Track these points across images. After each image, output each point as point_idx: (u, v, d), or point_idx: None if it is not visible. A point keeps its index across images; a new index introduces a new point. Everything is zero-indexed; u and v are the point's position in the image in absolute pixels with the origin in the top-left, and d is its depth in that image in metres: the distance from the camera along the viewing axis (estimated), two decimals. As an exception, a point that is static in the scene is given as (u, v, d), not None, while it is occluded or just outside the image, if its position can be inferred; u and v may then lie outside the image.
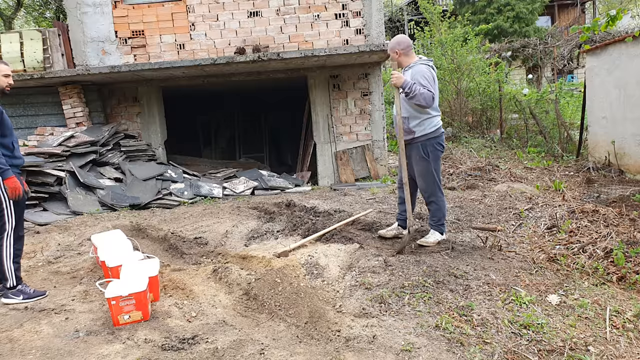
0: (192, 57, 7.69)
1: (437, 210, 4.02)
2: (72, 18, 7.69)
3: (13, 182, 3.27)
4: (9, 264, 3.35)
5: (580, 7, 22.11)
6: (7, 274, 3.34)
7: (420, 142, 3.89)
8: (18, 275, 3.42)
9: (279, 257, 3.84)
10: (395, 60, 3.98)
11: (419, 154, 3.92)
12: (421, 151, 3.91)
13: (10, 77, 3.48)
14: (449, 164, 7.53)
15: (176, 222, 5.37)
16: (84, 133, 7.19)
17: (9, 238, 3.35)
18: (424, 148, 3.90)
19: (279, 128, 12.61)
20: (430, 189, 3.98)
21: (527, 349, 2.46)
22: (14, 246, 3.38)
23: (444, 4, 21.39)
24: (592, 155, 7.21)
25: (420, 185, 4.04)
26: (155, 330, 2.80)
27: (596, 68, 7.02)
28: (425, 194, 4.05)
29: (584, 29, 3.95)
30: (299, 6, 7.70)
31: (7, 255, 3.35)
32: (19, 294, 3.36)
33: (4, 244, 3.33)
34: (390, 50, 3.97)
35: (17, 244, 3.41)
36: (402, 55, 3.92)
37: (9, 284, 3.35)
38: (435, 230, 4.05)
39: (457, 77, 9.93)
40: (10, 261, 3.36)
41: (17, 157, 3.48)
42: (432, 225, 4.08)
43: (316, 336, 2.69)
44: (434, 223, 4.07)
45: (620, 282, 3.31)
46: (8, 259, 3.35)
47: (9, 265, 3.35)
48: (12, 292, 3.36)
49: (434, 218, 4.06)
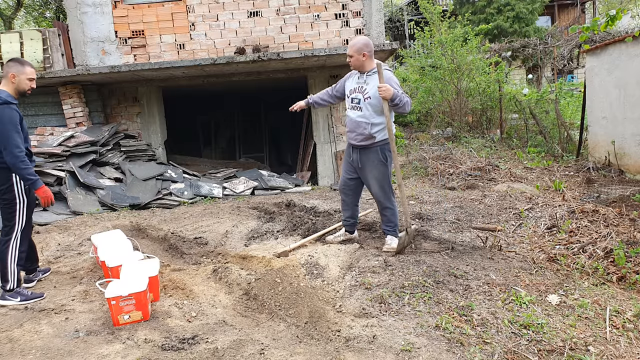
0: (192, 57, 7.69)
1: (393, 216, 3.94)
2: (72, 18, 7.69)
3: (44, 191, 3.28)
4: (12, 267, 3.32)
5: (580, 7, 22.11)
6: (9, 276, 3.31)
7: (379, 147, 3.76)
8: (19, 278, 3.39)
9: (279, 257, 3.84)
10: (359, 63, 3.68)
11: (378, 158, 3.77)
12: (380, 155, 3.77)
13: (34, 82, 3.42)
14: (449, 164, 7.53)
15: (176, 222, 5.37)
16: (84, 133, 7.20)
17: (16, 240, 3.34)
18: (382, 152, 3.77)
19: (279, 128, 12.61)
20: (387, 194, 3.87)
21: (527, 349, 2.46)
22: (20, 249, 3.37)
23: (444, 4, 21.39)
24: (592, 155, 7.21)
25: (376, 191, 3.87)
26: (155, 330, 2.80)
27: (596, 68, 7.02)
28: (380, 200, 3.90)
29: (583, 29, 3.95)
30: (299, 6, 7.70)
31: (12, 258, 3.32)
32: (17, 296, 3.33)
33: (10, 245, 3.31)
34: (357, 51, 3.63)
35: (22, 247, 3.39)
36: (368, 58, 3.67)
37: (8, 286, 3.32)
38: (392, 235, 3.94)
39: (457, 77, 9.92)
40: (14, 264, 3.33)
41: (32, 160, 3.48)
42: (389, 231, 3.97)
43: (316, 336, 2.69)
44: (391, 229, 3.96)
45: (620, 282, 3.31)
46: (13, 261, 3.32)
47: (12, 268, 3.32)
48: (10, 294, 3.33)
49: (389, 224, 3.96)
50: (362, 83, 3.73)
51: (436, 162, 7.62)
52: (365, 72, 3.72)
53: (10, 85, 3.30)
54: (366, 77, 3.72)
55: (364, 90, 3.71)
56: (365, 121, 3.70)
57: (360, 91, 3.73)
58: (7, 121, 3.14)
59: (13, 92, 3.31)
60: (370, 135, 3.72)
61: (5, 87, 3.29)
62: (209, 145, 12.83)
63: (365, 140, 3.75)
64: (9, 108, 3.19)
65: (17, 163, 3.15)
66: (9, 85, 3.30)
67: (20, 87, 3.32)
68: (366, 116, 3.70)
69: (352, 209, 4.10)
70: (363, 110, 3.70)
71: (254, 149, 12.55)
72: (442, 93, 10.39)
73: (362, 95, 3.72)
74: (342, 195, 4.14)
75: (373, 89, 3.65)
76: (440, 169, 7.32)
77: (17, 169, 3.18)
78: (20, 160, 3.16)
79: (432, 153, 8.22)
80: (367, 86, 3.70)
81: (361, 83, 3.74)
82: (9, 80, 3.29)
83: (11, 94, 3.29)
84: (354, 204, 4.10)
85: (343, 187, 4.08)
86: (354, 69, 3.79)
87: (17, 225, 3.33)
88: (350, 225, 4.17)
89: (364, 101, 3.70)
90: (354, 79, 3.84)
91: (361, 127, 3.72)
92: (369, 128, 3.70)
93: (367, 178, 3.88)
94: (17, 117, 3.23)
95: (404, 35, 21.39)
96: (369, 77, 3.71)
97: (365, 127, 3.70)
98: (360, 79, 3.76)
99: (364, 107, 3.70)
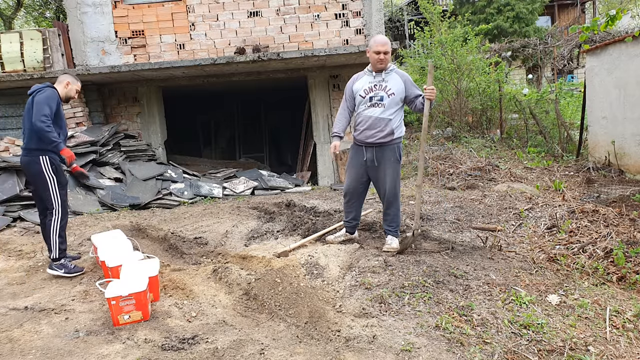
0: (192, 57, 7.69)
1: (397, 216, 3.94)
2: (72, 18, 7.70)
3: (67, 151, 3.79)
4: (55, 238, 3.80)
5: (580, 7, 22.10)
6: (53, 247, 3.80)
7: (396, 144, 3.81)
8: (62, 249, 3.84)
9: (279, 257, 3.84)
10: (388, 59, 3.77)
11: (395, 156, 3.81)
12: (396, 153, 3.82)
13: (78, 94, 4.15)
14: (449, 164, 7.53)
15: (176, 222, 5.37)
16: (84, 133, 7.20)
17: (57, 214, 3.81)
18: (398, 150, 3.83)
19: (279, 128, 12.62)
20: (397, 192, 3.88)
21: (527, 349, 2.46)
22: (61, 223, 3.82)
23: (444, 4, 21.38)
24: (592, 155, 7.21)
25: (388, 190, 3.85)
26: (155, 330, 2.80)
27: (596, 68, 7.02)
28: (390, 198, 3.87)
29: (583, 29, 3.95)
30: (299, 6, 7.70)
31: (54, 229, 3.80)
32: (61, 267, 3.81)
33: (52, 219, 3.80)
34: (390, 48, 3.75)
35: (62, 221, 3.84)
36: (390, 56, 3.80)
37: (52, 256, 3.81)
38: (394, 236, 3.94)
39: (457, 77, 9.92)
40: (56, 235, 3.80)
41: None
42: (391, 231, 3.96)
43: (316, 336, 2.69)
44: (393, 229, 3.95)
45: (620, 282, 3.31)
46: (55, 232, 3.80)
47: (55, 239, 3.80)
48: (56, 264, 3.82)
49: (392, 224, 3.95)
50: (381, 81, 3.77)
51: (436, 162, 7.61)
52: (384, 70, 3.78)
53: (63, 89, 3.98)
54: (384, 75, 3.77)
55: (386, 88, 3.74)
56: (389, 118, 3.74)
57: (381, 88, 3.75)
58: (44, 97, 3.72)
59: (62, 95, 3.97)
60: (392, 131, 3.75)
61: (58, 88, 3.95)
62: (209, 145, 12.83)
63: (385, 137, 3.76)
64: (53, 91, 3.82)
65: (44, 127, 3.62)
66: (62, 88, 3.98)
67: (68, 94, 4.03)
68: (389, 113, 3.74)
69: (356, 210, 4.10)
70: (386, 107, 3.74)
71: (254, 149, 12.55)
72: (442, 93, 10.37)
73: (384, 92, 3.74)
74: (349, 198, 4.06)
75: (396, 86, 3.73)
76: (440, 169, 7.31)
77: (42, 132, 3.63)
78: (47, 125, 3.63)
79: (432, 153, 8.22)
80: (387, 84, 3.75)
81: (379, 81, 3.77)
82: (64, 85, 3.99)
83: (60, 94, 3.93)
84: (359, 206, 4.10)
85: (352, 191, 4.00)
86: (383, 67, 3.77)
87: (55, 202, 3.81)
88: (352, 227, 4.16)
89: (387, 97, 3.73)
90: (366, 79, 3.85)
91: (383, 123, 3.74)
92: (390, 124, 3.75)
93: (380, 177, 3.85)
94: (56, 99, 3.80)
95: (404, 35, 21.38)
96: (388, 75, 3.77)
97: (388, 123, 3.74)
98: (376, 78, 3.79)
99: (387, 104, 3.73)
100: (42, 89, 3.79)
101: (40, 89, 3.79)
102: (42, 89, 3.79)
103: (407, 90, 3.77)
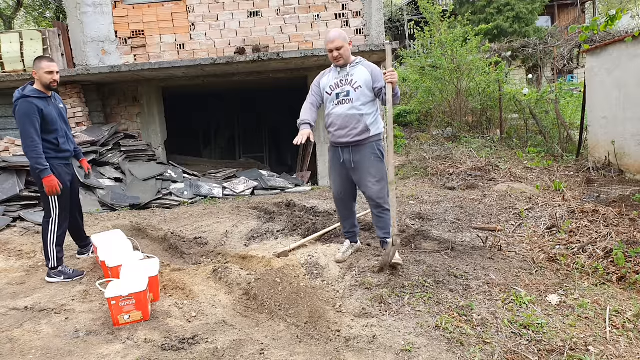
0: (192, 57, 7.69)
1: (389, 219, 3.54)
2: (72, 18, 7.70)
3: (49, 180, 3.54)
4: (52, 247, 3.69)
5: (580, 7, 22.11)
6: (50, 255, 3.69)
7: (374, 142, 3.55)
8: (59, 257, 3.74)
9: (279, 257, 3.84)
10: (348, 53, 3.50)
11: (374, 153, 3.54)
12: (376, 150, 3.56)
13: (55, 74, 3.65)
14: (449, 164, 7.53)
15: (176, 222, 5.37)
16: (84, 133, 7.20)
17: (54, 223, 3.69)
18: (377, 147, 3.56)
19: (279, 128, 12.61)
20: (384, 193, 3.56)
21: (527, 349, 2.46)
22: (58, 232, 3.71)
23: (444, 4, 21.37)
24: (592, 155, 7.21)
25: (374, 191, 3.55)
26: (155, 330, 2.81)
27: (596, 68, 7.02)
28: (378, 200, 3.57)
29: (583, 29, 3.95)
30: (299, 6, 7.70)
31: (51, 238, 3.68)
32: (60, 275, 3.71)
33: (49, 228, 3.68)
34: (345, 40, 3.45)
35: (60, 229, 3.72)
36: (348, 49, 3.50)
37: (50, 264, 3.71)
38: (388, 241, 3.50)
39: (457, 77, 9.93)
40: (53, 244, 3.69)
41: (63, 150, 3.76)
42: (383, 237, 3.66)
43: (316, 336, 2.69)
44: (384, 234, 3.66)
45: (620, 282, 3.31)
46: (52, 242, 3.68)
47: (52, 248, 3.69)
48: (54, 272, 3.71)
49: (385, 229, 3.64)
50: (346, 75, 3.52)
51: (436, 162, 7.62)
52: (348, 64, 3.53)
53: (37, 82, 3.64)
54: (349, 68, 3.53)
55: (352, 82, 3.49)
56: (358, 113, 3.48)
57: (347, 83, 3.51)
58: (21, 114, 3.49)
59: (41, 87, 3.64)
60: (366, 127, 3.50)
61: (35, 84, 3.65)
62: (209, 145, 12.83)
63: (359, 135, 3.50)
64: (26, 102, 3.51)
65: (28, 152, 3.50)
66: (37, 83, 3.65)
67: (42, 81, 3.63)
68: (358, 107, 3.48)
69: (351, 216, 3.85)
70: (354, 102, 3.48)
71: (253, 149, 12.56)
72: (442, 93, 10.39)
73: (350, 86, 3.49)
74: (338, 205, 3.84)
75: (362, 78, 3.47)
76: (440, 169, 7.32)
77: (28, 158, 3.52)
78: (32, 149, 3.48)
79: (432, 153, 8.23)
80: (353, 77, 3.50)
81: (344, 76, 3.53)
82: (36, 79, 3.65)
83: (38, 89, 3.62)
84: (352, 210, 3.85)
85: (342, 196, 3.76)
86: (343, 63, 3.51)
87: (53, 211, 3.68)
88: (353, 236, 3.90)
89: (354, 92, 3.47)
90: (332, 75, 3.61)
91: (354, 120, 3.49)
92: (363, 120, 3.49)
93: (362, 178, 3.58)
94: (33, 109, 3.50)
95: (404, 35, 21.39)
96: (353, 69, 3.52)
97: (359, 119, 3.49)
98: (341, 73, 3.55)
99: (355, 97, 3.47)
100: (17, 101, 3.52)
101: (17, 101, 3.52)
102: (17, 101, 3.52)
103: (374, 81, 3.47)
